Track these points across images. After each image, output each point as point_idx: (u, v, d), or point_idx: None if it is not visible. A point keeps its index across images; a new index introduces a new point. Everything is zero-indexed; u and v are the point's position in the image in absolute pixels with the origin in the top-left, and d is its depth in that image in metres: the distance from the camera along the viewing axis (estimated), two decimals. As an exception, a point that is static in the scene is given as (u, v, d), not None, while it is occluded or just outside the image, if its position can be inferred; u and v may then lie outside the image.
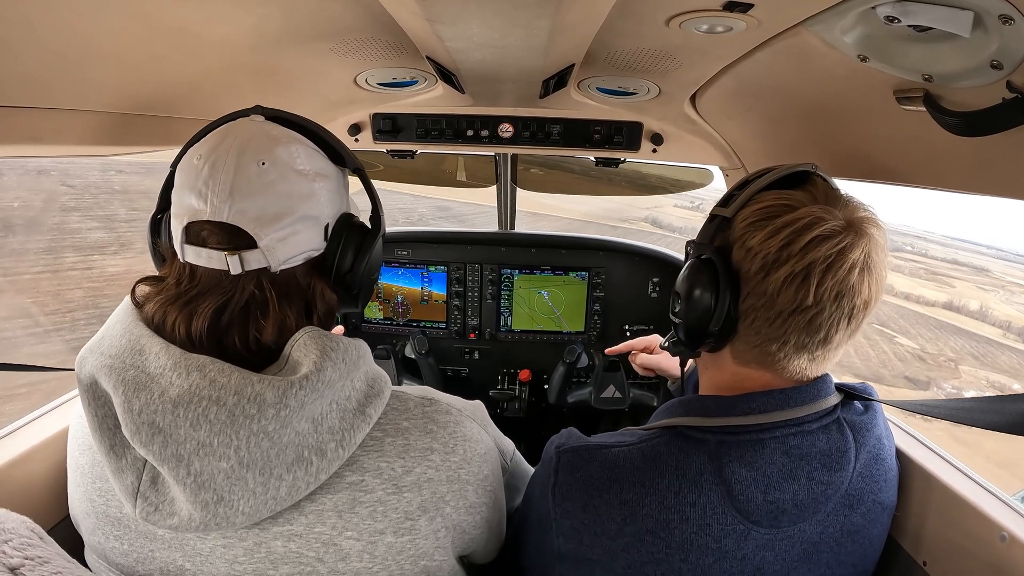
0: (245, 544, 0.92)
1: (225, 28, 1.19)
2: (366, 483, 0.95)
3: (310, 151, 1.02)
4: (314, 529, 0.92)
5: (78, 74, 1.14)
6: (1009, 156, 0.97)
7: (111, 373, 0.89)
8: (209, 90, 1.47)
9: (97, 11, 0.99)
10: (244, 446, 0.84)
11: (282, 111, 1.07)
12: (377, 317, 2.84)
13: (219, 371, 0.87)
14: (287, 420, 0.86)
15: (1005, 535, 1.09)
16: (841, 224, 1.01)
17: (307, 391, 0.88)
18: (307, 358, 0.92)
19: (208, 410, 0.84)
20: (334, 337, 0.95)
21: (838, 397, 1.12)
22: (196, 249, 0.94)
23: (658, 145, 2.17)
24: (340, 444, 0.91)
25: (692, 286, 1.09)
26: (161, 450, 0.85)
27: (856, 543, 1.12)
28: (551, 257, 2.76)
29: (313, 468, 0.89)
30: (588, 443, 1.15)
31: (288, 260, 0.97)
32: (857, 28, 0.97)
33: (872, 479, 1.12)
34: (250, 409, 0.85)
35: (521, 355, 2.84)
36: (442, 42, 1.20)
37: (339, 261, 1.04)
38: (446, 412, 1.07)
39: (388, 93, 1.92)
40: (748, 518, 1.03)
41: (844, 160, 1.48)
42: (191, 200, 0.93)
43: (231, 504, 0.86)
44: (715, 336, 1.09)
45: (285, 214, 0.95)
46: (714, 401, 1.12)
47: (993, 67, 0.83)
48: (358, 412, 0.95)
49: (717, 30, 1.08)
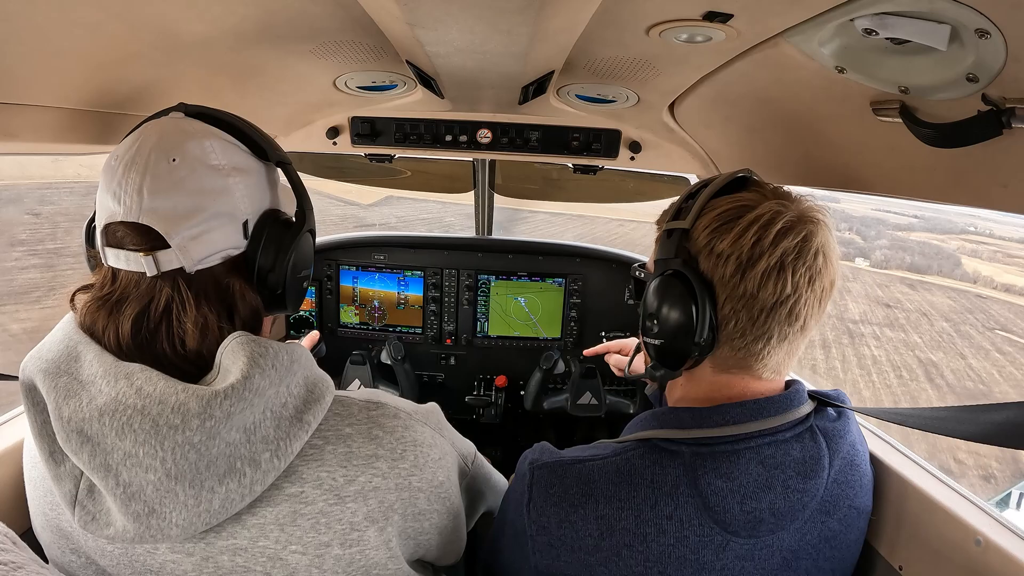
0: (193, 559, 0.90)
1: (205, 28, 1.17)
2: (306, 494, 0.91)
3: (227, 145, 0.98)
4: (258, 543, 0.90)
5: (54, 70, 1.12)
6: (984, 167, 0.98)
7: (46, 378, 0.87)
8: (188, 90, 1.44)
9: (76, 7, 0.97)
10: (170, 458, 0.81)
11: (204, 107, 1.03)
12: (353, 322, 2.81)
13: (146, 379, 0.85)
14: (214, 431, 0.83)
15: (980, 539, 1.10)
16: (796, 215, 1.03)
17: (233, 401, 0.84)
18: (235, 365, 0.88)
19: (132, 419, 0.82)
20: (265, 342, 0.92)
21: (811, 405, 1.13)
22: (115, 251, 0.92)
23: (636, 153, 2.19)
24: (275, 454, 0.88)
25: (669, 303, 1.08)
26: (90, 459, 0.83)
27: (834, 549, 1.13)
28: (528, 263, 2.76)
29: (247, 480, 0.86)
30: (562, 458, 1.14)
31: (204, 260, 0.94)
32: (835, 40, 0.98)
33: (847, 485, 1.12)
34: (174, 420, 0.81)
35: (498, 361, 2.84)
36: (422, 47, 1.19)
37: (260, 260, 1.00)
38: (393, 416, 1.03)
39: (367, 96, 1.90)
40: (726, 529, 1.03)
41: (821, 170, 1.49)
42: (108, 201, 0.92)
43: (163, 516, 0.83)
44: (700, 349, 1.08)
45: (197, 211, 0.92)
46: (688, 413, 1.12)
47: (969, 80, 0.85)
48: (295, 420, 0.91)
49: (697, 39, 1.09)
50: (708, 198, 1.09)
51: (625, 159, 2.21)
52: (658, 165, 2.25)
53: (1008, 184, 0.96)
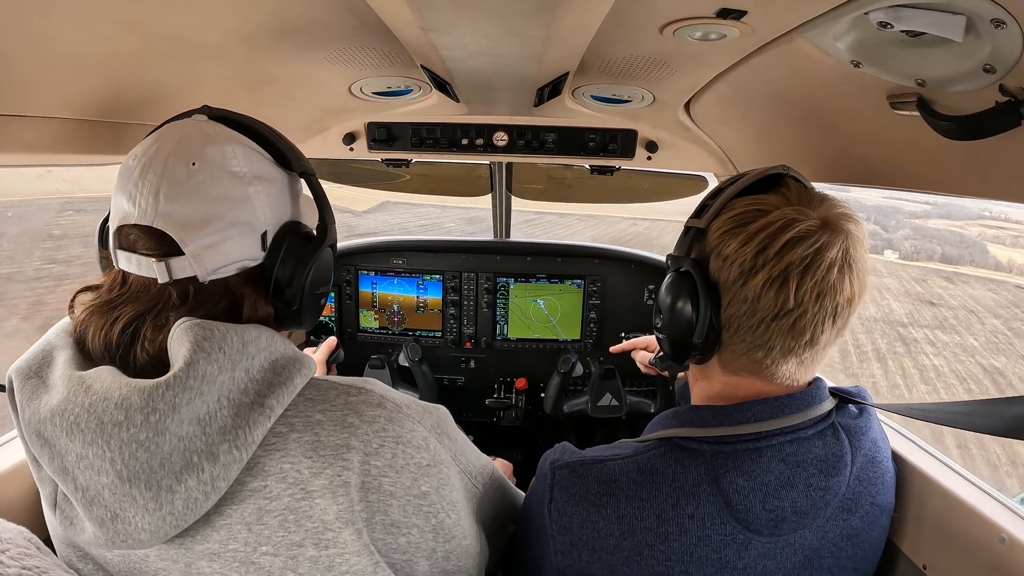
0: (178, 566, 0.86)
1: (219, 36, 1.19)
2: (269, 489, 0.84)
3: (250, 152, 0.94)
4: (228, 546, 0.84)
5: (69, 82, 1.14)
6: (1002, 159, 0.97)
7: (17, 379, 0.86)
8: (203, 98, 1.46)
9: (91, 19, 0.98)
10: (119, 458, 0.76)
11: (228, 111, 1.00)
12: (372, 326, 2.83)
13: (96, 377, 0.81)
14: (160, 426, 0.77)
15: (1004, 537, 1.09)
16: (816, 223, 1.00)
17: (176, 391, 0.78)
18: (179, 353, 0.82)
19: (80, 418, 0.78)
20: (212, 325, 0.84)
21: (832, 402, 1.12)
22: (127, 255, 0.89)
23: (653, 153, 2.18)
24: (234, 445, 0.81)
25: (672, 300, 1.09)
26: (50, 462, 0.81)
27: (856, 546, 1.12)
28: (546, 265, 2.76)
29: (206, 475, 0.80)
30: (583, 458, 1.14)
31: (218, 269, 0.90)
32: (850, 34, 0.97)
33: (869, 482, 1.11)
34: (117, 416, 0.76)
35: (517, 364, 2.84)
36: (436, 51, 1.20)
37: (278, 273, 0.95)
38: (377, 405, 0.94)
39: (383, 102, 1.92)
40: (748, 527, 1.03)
41: (839, 165, 1.48)
42: (123, 202, 0.88)
43: (127, 521, 0.79)
44: (700, 348, 1.09)
45: (214, 219, 0.88)
46: (709, 412, 1.11)
47: (986, 71, 0.84)
48: (255, 405, 0.84)
49: (711, 37, 1.08)
50: (729, 198, 1.08)
51: (642, 159, 2.20)
52: (675, 164, 2.25)
53: None
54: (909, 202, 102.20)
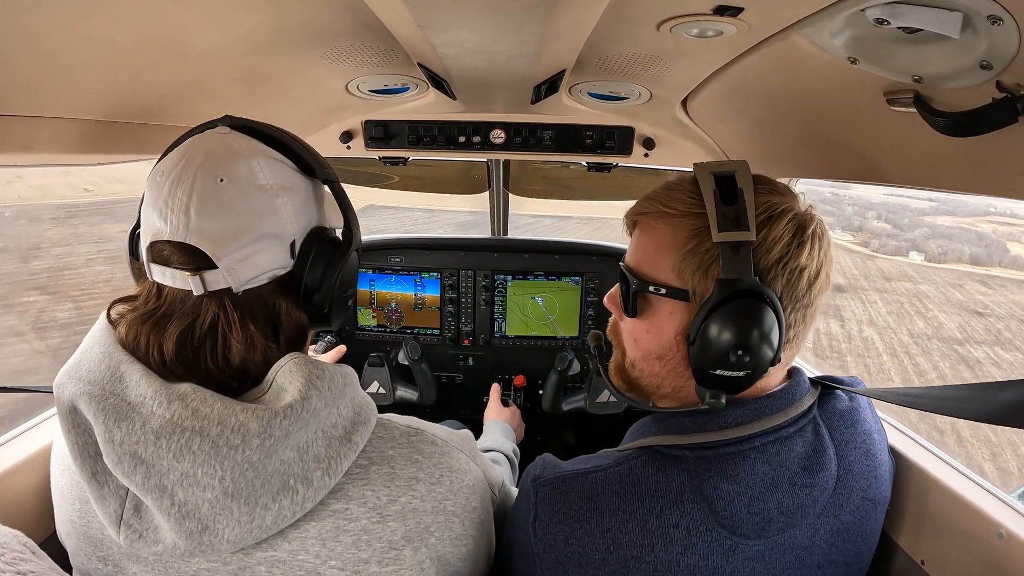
0: (229, 568, 0.91)
1: (217, 36, 1.19)
2: (351, 511, 0.93)
3: (274, 163, 0.97)
4: (297, 556, 0.91)
5: (70, 82, 1.14)
6: (999, 156, 0.97)
7: (91, 401, 0.87)
8: (201, 98, 1.46)
9: (89, 19, 0.98)
10: (228, 476, 0.83)
11: (250, 120, 1.03)
12: (371, 324, 2.83)
13: (201, 400, 0.86)
14: (272, 450, 0.85)
15: (1003, 532, 1.09)
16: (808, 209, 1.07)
17: (292, 420, 0.86)
18: (292, 385, 0.90)
19: (191, 441, 0.83)
20: (320, 364, 0.93)
21: (814, 395, 1.12)
22: (161, 268, 0.92)
23: (650, 149, 2.18)
24: (327, 472, 0.90)
25: (753, 331, 0.98)
26: (144, 481, 0.83)
27: (848, 541, 1.11)
28: (544, 262, 2.76)
29: (299, 497, 0.87)
30: (564, 472, 1.12)
31: (251, 280, 0.94)
32: (847, 30, 0.97)
33: (861, 476, 1.11)
34: (234, 440, 0.83)
35: (516, 361, 2.84)
36: (433, 48, 1.20)
37: (307, 279, 1.00)
38: (431, 443, 1.05)
39: (380, 100, 1.92)
40: (734, 532, 1.02)
41: (835, 161, 1.48)
42: (154, 218, 0.91)
43: (216, 532, 0.85)
44: (764, 371, 1.03)
45: (245, 233, 0.92)
46: (689, 418, 1.10)
47: (983, 67, 0.84)
48: (344, 440, 0.93)
49: (708, 34, 1.08)
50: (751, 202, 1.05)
51: (639, 156, 2.20)
52: (672, 161, 2.24)
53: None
54: (912, 199, 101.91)
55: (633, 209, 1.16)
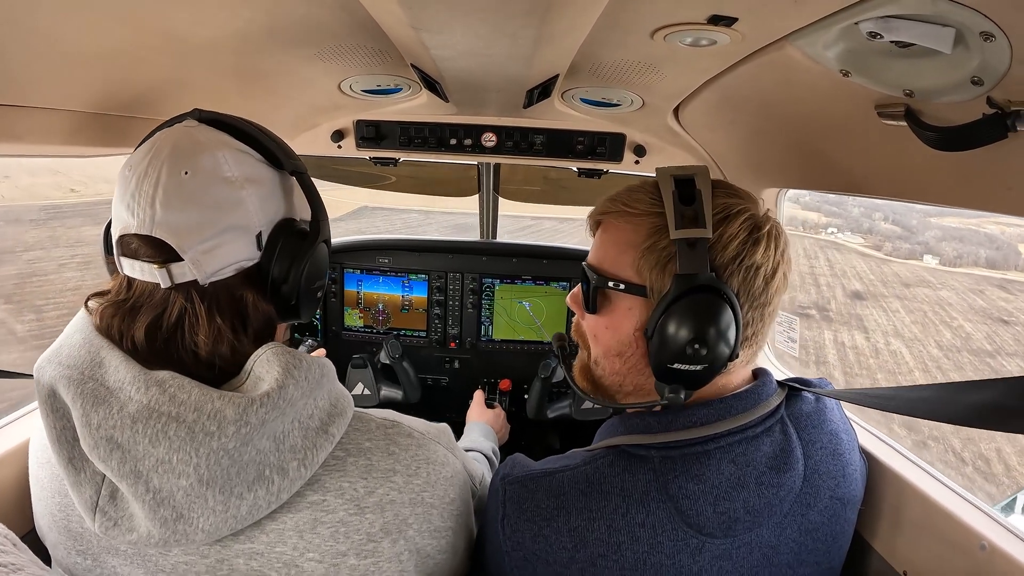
0: (207, 561, 0.91)
1: (210, 32, 1.18)
2: (328, 503, 0.93)
3: (240, 155, 0.97)
4: (275, 549, 0.91)
5: (62, 73, 1.13)
6: (988, 171, 0.98)
7: (70, 385, 0.87)
8: (194, 93, 1.45)
9: (82, 12, 0.98)
10: (204, 464, 0.83)
11: (218, 113, 1.02)
12: (357, 325, 2.82)
13: (179, 387, 0.86)
14: (248, 438, 0.85)
15: (985, 544, 1.10)
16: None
17: (268, 408, 0.86)
18: (269, 374, 0.90)
19: (167, 427, 0.83)
20: (297, 355, 0.94)
21: (781, 395, 1.13)
22: (130, 262, 0.93)
23: (641, 157, 2.18)
24: (302, 463, 0.90)
25: (714, 323, 0.99)
26: (119, 466, 0.83)
27: (817, 540, 1.11)
28: (532, 267, 2.76)
29: (275, 487, 0.87)
30: (532, 472, 1.13)
31: (217, 272, 0.94)
32: (840, 43, 0.98)
33: (828, 475, 1.11)
34: (210, 426, 0.83)
35: (502, 365, 2.83)
36: (427, 50, 1.19)
37: (274, 271, 0.99)
38: (408, 435, 1.05)
39: (372, 100, 1.91)
40: (700, 531, 1.02)
41: (825, 173, 1.49)
42: (123, 212, 0.92)
43: (190, 521, 0.85)
44: (722, 366, 1.04)
45: (209, 225, 0.92)
46: (654, 418, 1.11)
47: (974, 83, 0.84)
48: (321, 431, 0.93)
49: (702, 43, 1.09)
50: (709, 201, 1.08)
51: (630, 163, 2.21)
52: None
53: (1013, 187, 0.96)
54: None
55: (596, 209, 1.18)
